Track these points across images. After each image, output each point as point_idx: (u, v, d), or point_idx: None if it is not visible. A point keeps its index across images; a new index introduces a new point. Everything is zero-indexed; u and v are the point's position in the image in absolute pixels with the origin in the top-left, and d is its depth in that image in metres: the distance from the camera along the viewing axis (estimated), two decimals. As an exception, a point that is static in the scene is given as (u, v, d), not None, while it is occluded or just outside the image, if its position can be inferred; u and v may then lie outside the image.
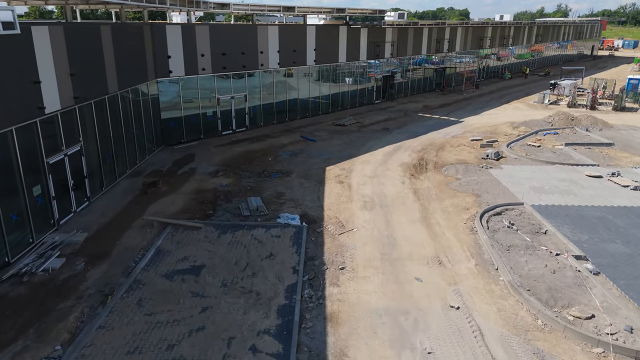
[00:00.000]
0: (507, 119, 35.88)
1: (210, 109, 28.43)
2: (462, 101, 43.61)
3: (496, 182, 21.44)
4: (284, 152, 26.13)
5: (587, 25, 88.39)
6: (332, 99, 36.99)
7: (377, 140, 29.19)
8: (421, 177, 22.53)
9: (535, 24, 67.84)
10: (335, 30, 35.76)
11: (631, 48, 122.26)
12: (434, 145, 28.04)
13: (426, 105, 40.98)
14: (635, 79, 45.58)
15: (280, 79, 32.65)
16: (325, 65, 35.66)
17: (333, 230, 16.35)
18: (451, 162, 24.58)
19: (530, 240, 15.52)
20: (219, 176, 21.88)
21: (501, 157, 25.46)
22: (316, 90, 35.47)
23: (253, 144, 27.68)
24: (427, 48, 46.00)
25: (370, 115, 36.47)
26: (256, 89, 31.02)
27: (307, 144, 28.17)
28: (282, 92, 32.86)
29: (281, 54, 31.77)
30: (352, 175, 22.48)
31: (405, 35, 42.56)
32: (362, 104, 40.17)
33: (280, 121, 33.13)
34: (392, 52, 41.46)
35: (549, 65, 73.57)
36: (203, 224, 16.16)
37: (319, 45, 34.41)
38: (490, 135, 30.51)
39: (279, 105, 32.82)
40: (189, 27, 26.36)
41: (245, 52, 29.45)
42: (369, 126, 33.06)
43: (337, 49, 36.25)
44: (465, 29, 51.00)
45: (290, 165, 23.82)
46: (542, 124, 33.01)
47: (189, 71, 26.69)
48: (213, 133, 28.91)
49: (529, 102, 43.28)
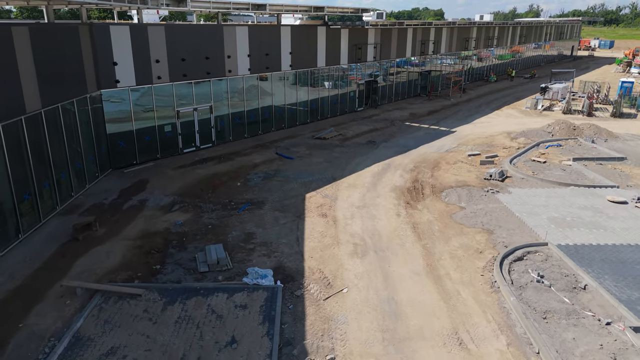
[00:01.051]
0: (502, 128, 32.83)
1: (169, 124, 24.32)
2: (451, 107, 40.49)
3: (507, 211, 18.09)
4: (256, 175, 22.27)
5: (568, 26, 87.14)
6: (310, 106, 33.25)
7: (363, 156, 25.59)
8: (419, 205, 19.01)
9: (519, 25, 65.62)
10: (313, 31, 32.07)
11: (607, 48, 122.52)
12: (428, 163, 24.61)
13: (413, 113, 37.66)
14: (629, 82, 43.41)
15: (253, 83, 28.70)
16: (303, 71, 31.91)
17: (317, 292, 12.63)
18: (451, 185, 21.17)
19: (570, 302, 12.13)
20: (175, 211, 17.87)
21: (506, 176, 22.20)
22: (293, 95, 31.66)
23: (220, 165, 23.69)
24: (412, 50, 42.74)
25: (353, 126, 32.88)
26: (224, 96, 27.02)
27: (283, 162, 24.35)
28: (255, 99, 28.93)
29: (252, 58, 27.86)
30: (338, 205, 18.80)
31: (388, 36, 39.17)
32: (343, 112, 36.57)
33: (252, 134, 29.20)
34: (375, 55, 38.01)
35: (531, 67, 71.64)
36: (145, 289, 12.21)
37: (295, 48, 30.65)
38: (488, 149, 27.30)
39: (251, 115, 28.88)
40: (140, 28, 22.21)
41: (210, 56, 25.45)
42: (352, 139, 29.45)
43: (316, 52, 32.55)
44: (451, 29, 48.04)
45: (262, 193, 19.99)
46: (542, 134, 30.04)
47: (141, 80, 22.55)
48: (172, 151, 24.80)
49: (521, 107, 40.48)
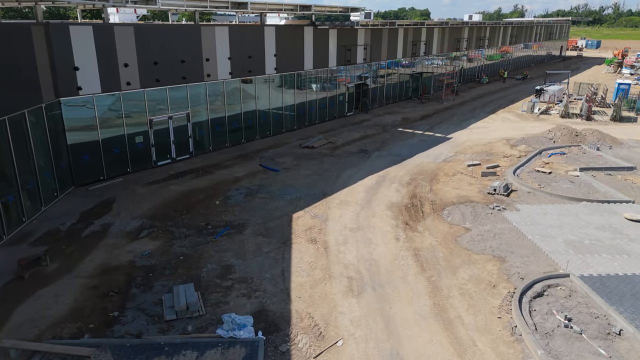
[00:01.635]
0: (500, 133, 31.10)
1: (140, 134, 22.00)
2: (444, 111, 38.71)
3: (518, 233, 16.20)
4: (238, 191, 20.08)
5: (557, 26, 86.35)
6: (297, 111, 31.12)
7: (354, 168, 23.56)
8: (419, 226, 17.03)
9: (510, 25, 64.32)
10: (299, 31, 29.96)
11: (594, 48, 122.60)
12: (425, 175, 22.68)
13: (405, 118, 35.76)
14: (626, 84, 42.12)
15: (235, 87, 26.47)
16: (289, 74, 29.78)
17: (306, 346, 10.53)
18: (452, 201, 19.24)
19: (606, 355, 10.23)
20: (142, 237, 15.62)
21: (511, 190, 20.37)
22: (278, 99, 29.49)
23: (197, 179, 21.44)
24: (403, 51, 40.88)
25: (343, 133, 30.84)
26: (202, 103, 24.77)
27: (267, 175, 22.21)
28: (237, 104, 26.71)
29: (233, 61, 25.65)
30: (329, 228, 16.73)
31: (379, 37, 37.23)
32: (332, 117, 34.52)
33: (234, 143, 26.97)
34: (365, 57, 36.05)
35: (521, 68, 70.48)
36: (95, 348, 9.99)
37: (280, 49, 28.50)
38: (488, 158, 25.49)
39: (233, 122, 26.65)
40: (105, 29, 19.87)
41: (187, 59, 23.18)
42: (343, 147, 27.40)
43: (302, 54, 30.44)
44: (442, 30, 46.32)
45: (244, 213, 17.82)
46: (543, 141, 28.34)
47: (107, 87, 20.21)
48: (145, 165, 22.48)
49: (516, 111, 38.86)
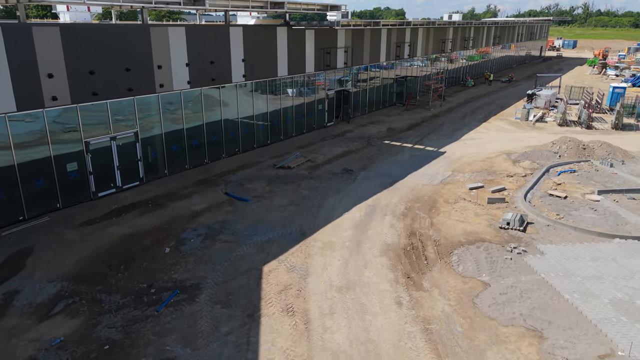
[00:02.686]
0: (498, 146, 27.91)
1: (74, 161, 17.77)
2: (432, 120, 35.43)
3: (550, 290, 12.78)
4: (195, 232, 16.12)
5: (537, 26, 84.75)
6: (270, 121, 27.19)
7: (339, 194, 19.86)
8: (424, 281, 13.44)
9: (494, 25, 61.82)
10: (271, 32, 26.09)
11: (571, 48, 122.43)
12: (423, 202, 19.15)
13: (391, 128, 32.28)
14: (621, 88, 39.71)
15: (196, 96, 22.47)
16: (260, 81, 25.88)
17: None
18: (459, 240, 15.74)
19: None
20: (56, 314, 11.53)
21: (527, 223, 17.02)
22: (248, 108, 25.54)
23: (145, 216, 17.35)
24: (387, 54, 37.44)
25: (323, 148, 27.10)
26: (155, 118, 20.68)
27: (234, 207, 18.29)
28: (198, 117, 22.70)
29: (192, 68, 21.61)
30: (309, 288, 12.97)
31: (360, 39, 33.66)
32: (311, 129, 30.76)
33: (195, 164, 22.91)
34: (346, 61, 32.42)
35: (504, 69, 68.21)
36: None
37: (249, 53, 24.57)
38: (490, 178, 22.18)
39: (193, 139, 22.59)
40: (19, 30, 15.59)
41: (133, 67, 19.05)
42: (324, 166, 23.67)
43: (276, 58, 26.58)
44: (427, 30, 43.12)
45: (200, 267, 13.90)
46: (548, 156, 25.24)
47: (25, 103, 15.95)
48: (81, 197, 18.26)
49: (510, 118, 35.89)
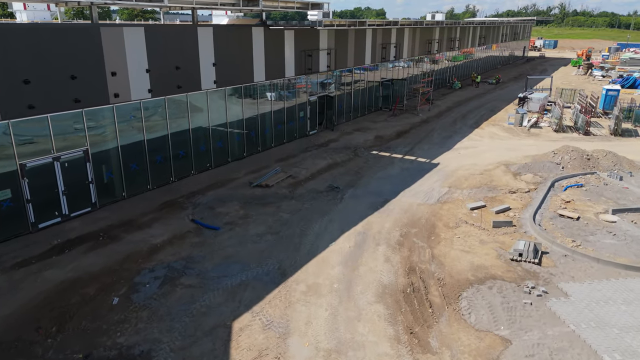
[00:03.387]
0: (494, 156, 25.79)
1: (6, 188, 14.82)
2: (421, 126, 33.21)
3: (585, 348, 10.48)
4: (152, 274, 13.39)
5: (521, 26, 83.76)
6: (247, 129, 24.52)
7: (324, 219, 17.34)
8: (431, 339, 11.00)
9: (480, 25, 60.16)
10: (246, 33, 23.42)
11: (552, 48, 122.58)
12: (420, 227, 16.78)
13: (379, 136, 29.91)
14: (614, 90, 38.21)
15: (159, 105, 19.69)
16: (234, 88, 23.18)
17: None
18: (467, 278, 13.39)
19: None
20: (-45, 409, 8.77)
21: (541, 252, 14.78)
22: (221, 115, 22.84)
23: (93, 253, 14.52)
24: (372, 56, 35.09)
25: (306, 160, 24.55)
26: (109, 133, 17.83)
27: (202, 238, 15.61)
28: (161, 128, 19.91)
29: (154, 74, 18.80)
30: (290, 354, 10.39)
31: (344, 40, 31.21)
32: (292, 138, 28.17)
33: (159, 183, 20.10)
34: (329, 64, 29.93)
35: (490, 70, 66.72)
36: None
37: (221, 57, 21.86)
38: (492, 195, 19.96)
39: (156, 155, 19.80)
40: None
41: (79, 74, 16.18)
42: (307, 183, 21.12)
43: (252, 62, 23.92)
44: (413, 31, 40.94)
45: (154, 325, 11.20)
46: (550, 167, 23.19)
47: (-61, 120, 13.03)
48: (17, 230, 15.30)
49: (502, 124, 33.91)
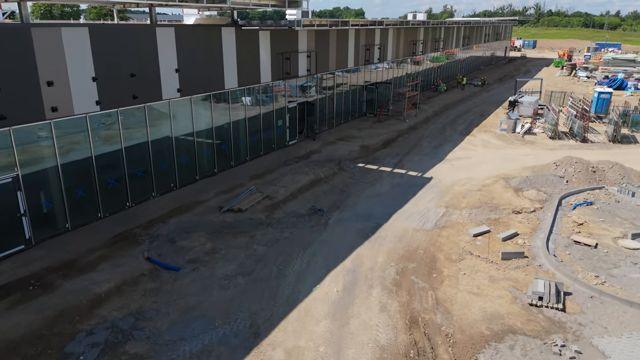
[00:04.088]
0: (491, 167, 23.63)
1: None
2: (409, 133, 30.93)
3: None
4: (90, 340, 10.58)
5: (502, 26, 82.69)
6: (218, 141, 21.81)
7: (306, 252, 14.77)
8: None
9: (464, 25, 58.43)
10: (215, 34, 20.68)
11: (531, 48, 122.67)
12: (418, 260, 14.37)
13: (364, 146, 27.48)
14: (607, 93, 36.68)
15: (111, 120, 16.83)
16: (201, 97, 20.43)
17: None
18: (481, 333, 11.00)
19: None
20: None
21: (563, 294, 12.53)
22: (187, 124, 20.09)
23: (18, 310, 11.60)
24: (355, 59, 32.67)
25: (285, 176, 21.92)
26: (46, 156, 14.91)
27: (158, 283, 12.87)
28: (114, 141, 17.05)
29: (103, 83, 15.93)
30: None
31: (325, 41, 28.69)
32: (269, 149, 25.52)
33: (112, 209, 17.21)
34: (310, 67, 27.37)
35: (474, 71, 65.15)
36: None
37: (186, 61, 19.09)
38: (494, 216, 17.71)
39: (108, 173, 16.94)
40: None
41: (5, 85, 13.24)
42: (286, 205, 18.52)
43: (222, 67, 21.21)
44: (397, 31, 38.69)
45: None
46: (554, 182, 21.10)
47: None
48: None
49: (494, 130, 31.89)
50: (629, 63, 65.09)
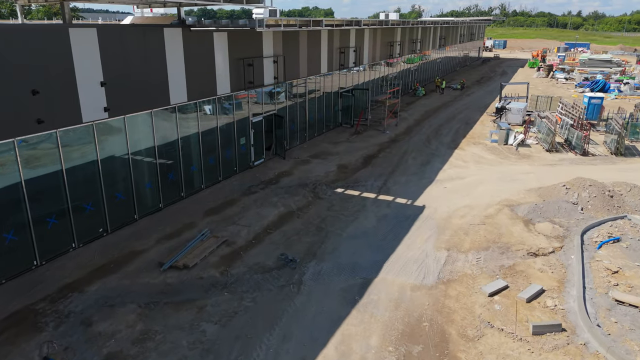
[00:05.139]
0: (491, 191, 20.29)
1: None
2: (391, 147, 27.41)
3: None
4: None
5: (476, 26, 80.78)
6: (162, 161, 17.65)
7: (272, 335, 10.86)
8: None
9: (440, 26, 55.57)
10: (155, 37, 16.48)
11: (502, 48, 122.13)
12: (424, 341, 10.69)
13: (342, 166, 23.75)
14: (598, 98, 34.24)
15: (6, 151, 12.51)
16: (137, 116, 16.20)
17: None
18: None
19: None
20: None
21: (628, 396, 9.11)
22: (118, 145, 15.86)
23: None
24: (329, 63, 28.91)
25: (248, 210, 17.91)
26: None
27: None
28: (10, 174, 12.74)
29: (-10, 103, 11.62)
30: None
31: (294, 44, 24.81)
32: (230, 173, 21.47)
33: (13, 271, 12.82)
34: (277, 75, 23.42)
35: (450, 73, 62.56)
36: None
37: (115, 73, 14.86)
38: (508, 262, 14.29)
39: (5, 224, 12.62)
40: None
41: None
42: (248, 254, 14.55)
43: (166, 77, 17.03)
44: (374, 32, 35.18)
45: None
46: (567, 209, 17.89)
47: None
48: None
49: (484, 142, 28.72)
50: (606, 64, 63.90)
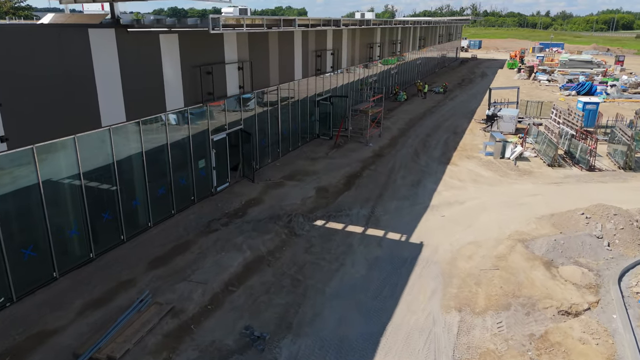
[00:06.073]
0: (497, 221, 17.20)
1: None
2: (376, 163, 24.15)
3: None
4: None
5: (454, 26, 78.70)
6: (92, 198, 13.86)
7: None
8: None
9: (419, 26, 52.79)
10: (78, 41, 12.67)
11: (477, 48, 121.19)
12: None
13: (322, 189, 20.30)
14: (593, 104, 31.93)
15: None
16: (46, 145, 12.40)
17: None
18: None
19: None
20: None
21: None
22: (26, 179, 12.03)
23: None
24: (304, 68, 25.43)
25: (204, 258, 14.24)
26: None
27: None
28: None
29: None
30: None
31: (263, 47, 21.25)
32: (185, 204, 17.75)
33: None
34: (242, 84, 19.78)
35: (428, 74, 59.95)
36: None
37: (16, 90, 11.04)
38: (537, 327, 11.16)
39: None
40: None
41: None
42: (200, 328, 10.93)
43: (94, 92, 13.25)
44: (352, 33, 31.87)
45: None
46: (592, 245, 14.95)
47: None
48: None
49: (478, 155, 25.76)
50: (586, 64, 62.55)
